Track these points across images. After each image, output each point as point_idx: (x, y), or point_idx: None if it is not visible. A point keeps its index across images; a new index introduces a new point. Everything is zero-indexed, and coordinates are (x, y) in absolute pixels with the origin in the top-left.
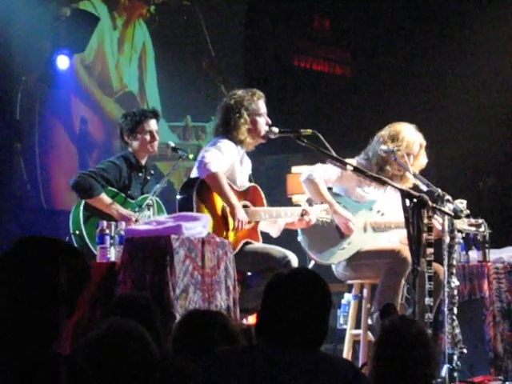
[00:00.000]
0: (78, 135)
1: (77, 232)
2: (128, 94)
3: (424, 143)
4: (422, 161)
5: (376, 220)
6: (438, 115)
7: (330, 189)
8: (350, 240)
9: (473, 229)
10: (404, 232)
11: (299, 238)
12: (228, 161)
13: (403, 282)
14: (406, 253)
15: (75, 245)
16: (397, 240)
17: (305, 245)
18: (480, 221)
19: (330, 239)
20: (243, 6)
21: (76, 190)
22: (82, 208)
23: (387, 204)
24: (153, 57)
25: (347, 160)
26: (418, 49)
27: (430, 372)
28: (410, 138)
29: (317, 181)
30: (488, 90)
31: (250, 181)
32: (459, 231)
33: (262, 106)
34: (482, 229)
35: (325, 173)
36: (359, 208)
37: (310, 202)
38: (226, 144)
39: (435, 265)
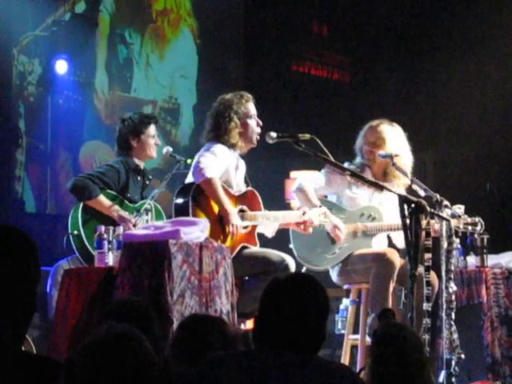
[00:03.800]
0: (76, 140)
1: (75, 232)
2: (126, 100)
3: (386, 128)
4: (393, 148)
5: (367, 224)
6: (437, 121)
7: (326, 197)
8: (341, 245)
9: (469, 228)
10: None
11: (291, 246)
12: (223, 165)
13: (392, 285)
14: (392, 255)
15: (73, 245)
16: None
17: (296, 252)
18: (476, 219)
19: (321, 245)
20: (241, 11)
21: (74, 192)
22: (80, 210)
23: (378, 207)
24: (149, 60)
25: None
26: (417, 54)
27: (426, 376)
28: (367, 128)
29: (306, 189)
30: (488, 96)
31: (246, 182)
32: (456, 232)
33: (251, 107)
34: (478, 227)
35: (313, 181)
36: (350, 214)
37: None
38: (219, 148)
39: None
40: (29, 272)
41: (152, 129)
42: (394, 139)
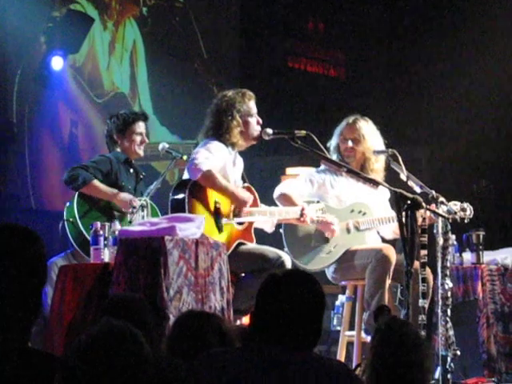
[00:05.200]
0: (68, 136)
1: (70, 219)
2: (119, 96)
3: (363, 124)
4: (372, 142)
5: (358, 219)
6: (432, 117)
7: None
8: (335, 243)
9: (460, 213)
10: (390, 225)
11: (285, 250)
12: (219, 162)
13: (388, 281)
14: (388, 251)
15: (68, 232)
16: (391, 233)
17: (291, 254)
18: (464, 204)
19: (315, 245)
20: (237, 7)
21: (68, 182)
22: (76, 198)
23: (367, 202)
24: (143, 55)
25: None
26: (413, 51)
27: (424, 374)
28: (344, 125)
29: (289, 192)
30: (482, 93)
31: (243, 179)
32: (447, 219)
33: (252, 106)
34: (467, 212)
35: (296, 187)
36: (340, 212)
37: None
38: (216, 145)
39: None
40: (36, 271)
41: (138, 126)
42: (372, 134)
